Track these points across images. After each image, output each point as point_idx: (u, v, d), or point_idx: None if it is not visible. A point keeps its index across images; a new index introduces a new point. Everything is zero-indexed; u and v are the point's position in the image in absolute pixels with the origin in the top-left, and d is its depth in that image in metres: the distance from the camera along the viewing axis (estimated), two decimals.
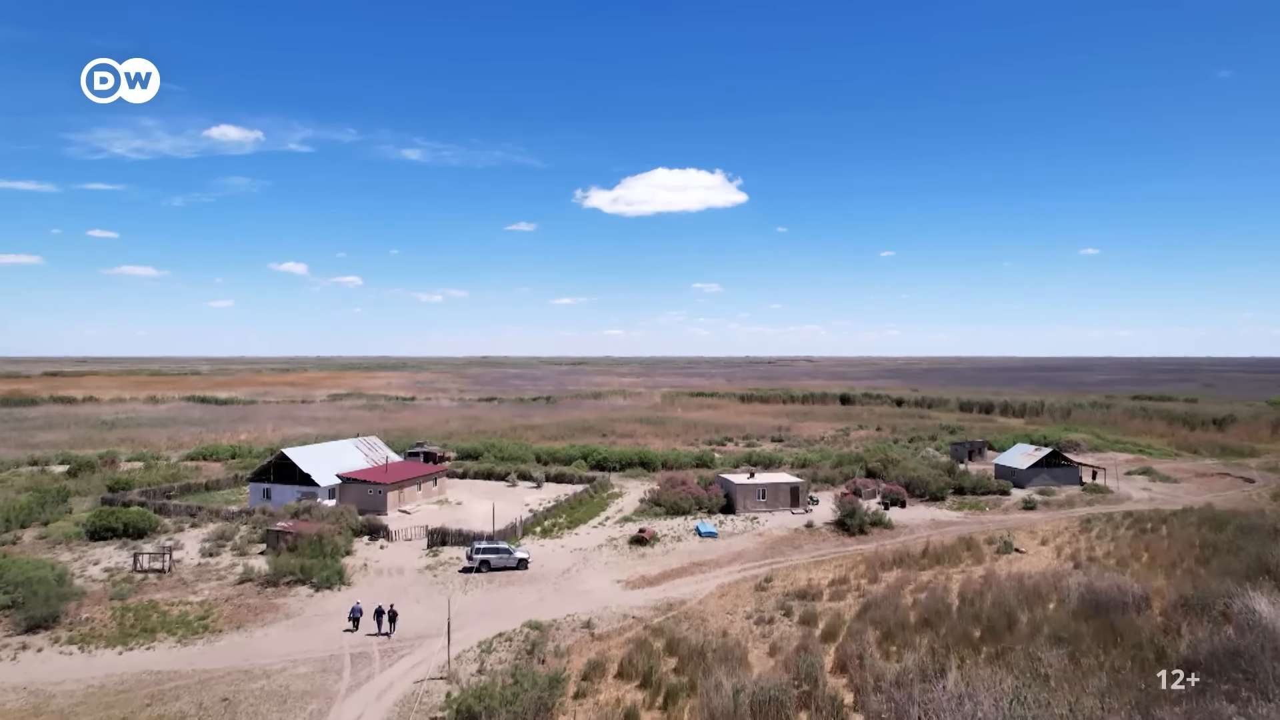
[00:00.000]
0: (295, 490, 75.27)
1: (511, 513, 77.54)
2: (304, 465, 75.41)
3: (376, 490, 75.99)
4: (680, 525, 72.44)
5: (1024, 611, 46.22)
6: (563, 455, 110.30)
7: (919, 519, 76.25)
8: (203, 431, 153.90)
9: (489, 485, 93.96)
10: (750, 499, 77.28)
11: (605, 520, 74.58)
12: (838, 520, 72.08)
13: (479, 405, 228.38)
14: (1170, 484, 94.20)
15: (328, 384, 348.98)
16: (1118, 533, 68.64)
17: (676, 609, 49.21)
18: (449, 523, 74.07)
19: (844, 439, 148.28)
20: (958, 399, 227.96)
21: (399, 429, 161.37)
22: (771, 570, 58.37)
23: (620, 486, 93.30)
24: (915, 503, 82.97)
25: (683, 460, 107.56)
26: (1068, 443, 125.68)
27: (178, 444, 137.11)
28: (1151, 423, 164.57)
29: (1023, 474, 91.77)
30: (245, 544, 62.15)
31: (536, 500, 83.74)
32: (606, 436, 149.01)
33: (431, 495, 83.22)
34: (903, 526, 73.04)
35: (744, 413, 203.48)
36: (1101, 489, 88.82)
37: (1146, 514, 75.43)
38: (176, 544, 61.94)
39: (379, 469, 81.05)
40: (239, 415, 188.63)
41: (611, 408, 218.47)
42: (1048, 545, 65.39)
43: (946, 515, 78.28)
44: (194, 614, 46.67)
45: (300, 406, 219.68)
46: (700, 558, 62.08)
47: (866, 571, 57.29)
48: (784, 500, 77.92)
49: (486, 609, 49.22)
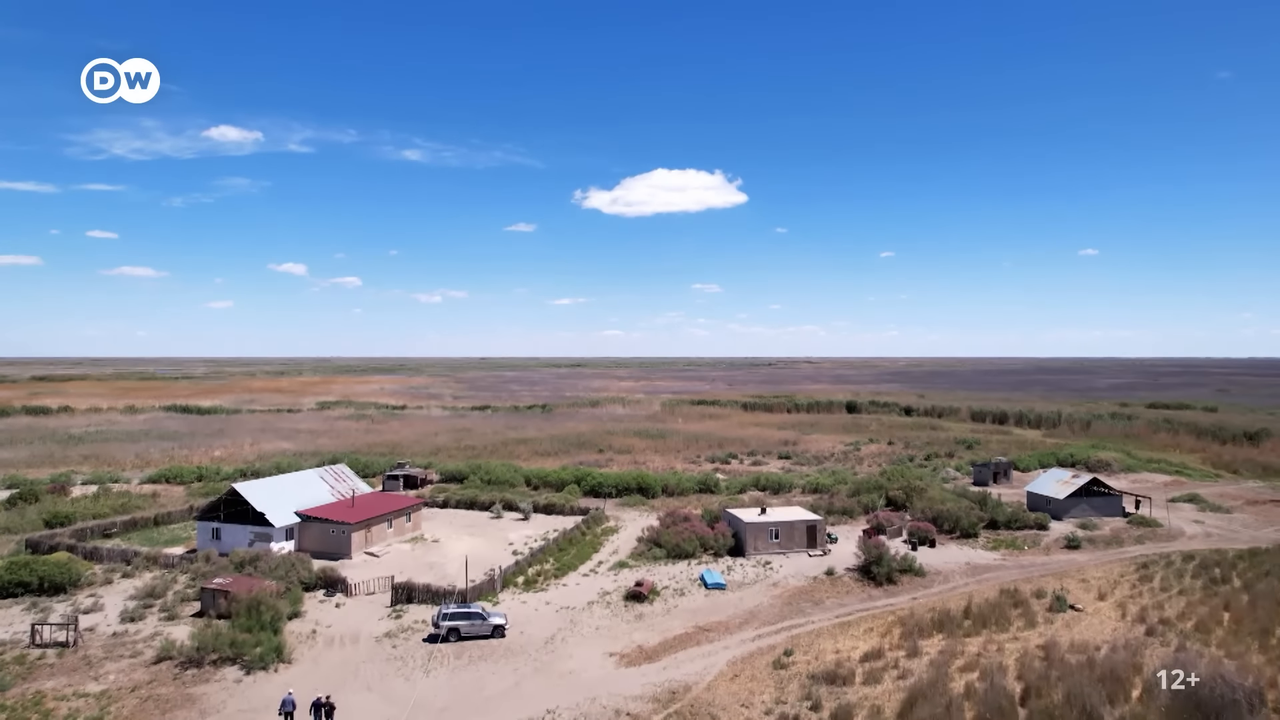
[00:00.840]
0: (247, 531, 66.56)
1: (493, 555, 68.94)
2: (258, 503, 66.65)
3: (340, 530, 67.32)
4: (683, 573, 63.74)
5: (1106, 708, 37.66)
6: (554, 479, 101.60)
7: (952, 562, 67.61)
8: (175, 447, 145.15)
9: (471, 517, 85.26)
10: (762, 540, 68.62)
11: (598, 566, 65.87)
12: (862, 566, 63.42)
13: (470, 415, 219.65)
14: (1222, 514, 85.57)
15: (319, 390, 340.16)
16: (1184, 583, 60.02)
17: (680, 699, 40.54)
18: (422, 566, 65.60)
19: (855, 454, 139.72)
20: (969, 408, 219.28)
21: (384, 443, 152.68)
22: (791, 638, 49.71)
23: (616, 519, 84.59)
24: (945, 540, 74.35)
25: (684, 485, 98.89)
26: (1097, 462, 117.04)
27: (145, 462, 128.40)
28: (1179, 436, 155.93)
29: (1059, 504, 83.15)
30: (178, 603, 53.42)
31: (522, 537, 75.12)
32: (603, 452, 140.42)
33: (405, 532, 74.54)
34: (935, 573, 64.37)
35: (747, 423, 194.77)
36: (1148, 521, 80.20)
37: (1208, 556, 66.80)
38: (96, 603, 53.17)
39: (344, 504, 72.35)
40: (218, 427, 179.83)
41: (609, 417, 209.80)
42: (1107, 600, 56.72)
43: (982, 557, 69.63)
44: (85, 713, 37.92)
45: (284, 417, 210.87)
46: (707, 618, 53.41)
47: (903, 640, 48.63)
48: (799, 540, 69.28)
49: (450, 699, 40.53)
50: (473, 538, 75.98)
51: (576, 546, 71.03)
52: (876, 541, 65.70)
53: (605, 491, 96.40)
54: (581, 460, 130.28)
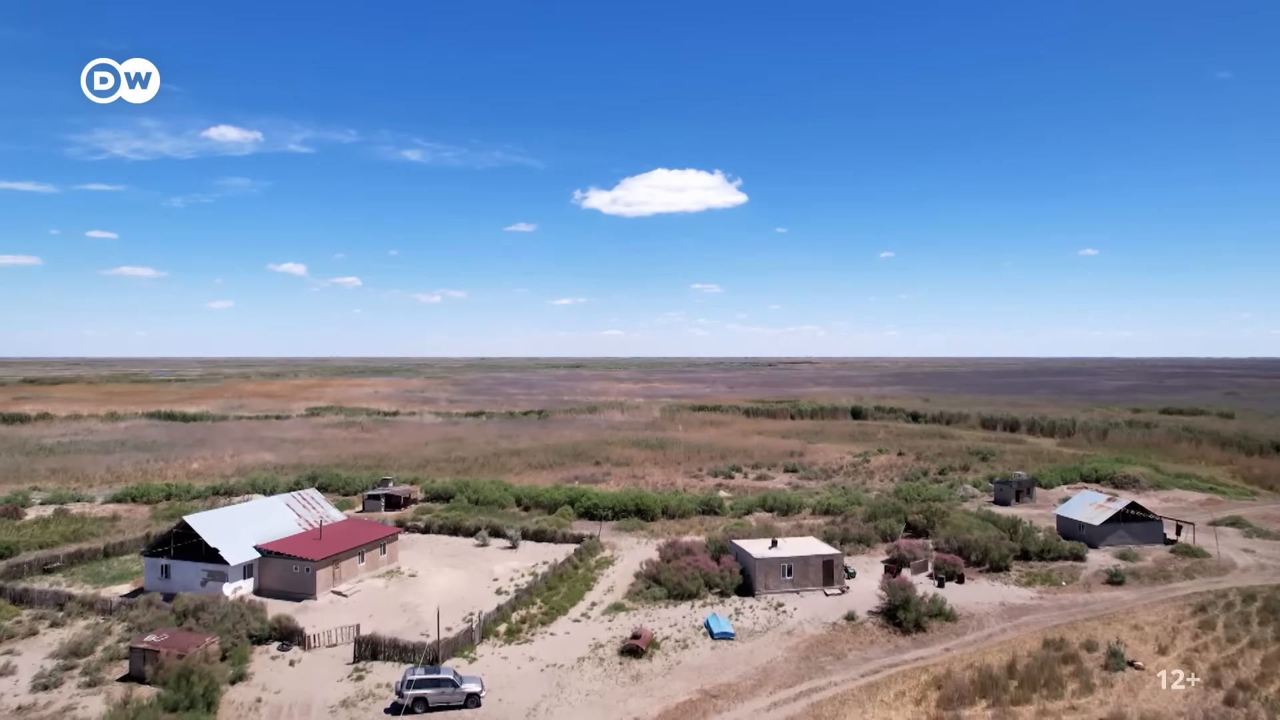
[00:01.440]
0: (199, 569, 59.61)
1: (474, 593, 62.10)
2: (211, 537, 59.67)
3: (304, 567, 60.41)
4: (685, 618, 56.83)
5: None
6: (547, 499, 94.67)
7: (984, 602, 60.73)
8: (151, 459, 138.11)
9: (455, 545, 78.32)
10: (773, 577, 61.72)
11: (591, 608, 58.94)
12: (886, 609, 56.54)
13: (464, 423, 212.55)
14: (1273, 541, 78.72)
15: (311, 394, 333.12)
16: (1252, 631, 53.18)
17: None
18: (394, 607, 58.79)
19: (864, 467, 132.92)
20: (978, 414, 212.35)
21: (370, 454, 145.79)
22: (812, 706, 42.84)
23: (612, 547, 77.68)
24: (973, 573, 67.47)
25: (686, 505, 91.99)
26: (1124, 478, 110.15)
27: (116, 476, 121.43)
28: (1202, 447, 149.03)
29: (1095, 530, 76.30)
30: (105, 663, 46.47)
31: (508, 571, 68.27)
32: (600, 465, 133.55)
33: (378, 566, 67.63)
34: (967, 616, 57.49)
35: (750, 431, 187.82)
36: (1194, 551, 73.34)
37: (1272, 596, 59.94)
38: (8, 664, 46.21)
39: (310, 536, 65.43)
40: (199, 436, 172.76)
41: (607, 425, 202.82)
42: (1169, 655, 49.84)
43: (1016, 595, 62.74)
44: None
45: (271, 425, 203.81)
46: (714, 679, 46.53)
47: (942, 709, 41.84)
48: (814, 577, 62.38)
49: None
50: (454, 570, 69.13)
51: (568, 583, 64.12)
52: (901, 581, 58.88)
53: (601, 514, 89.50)
54: (577, 474, 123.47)
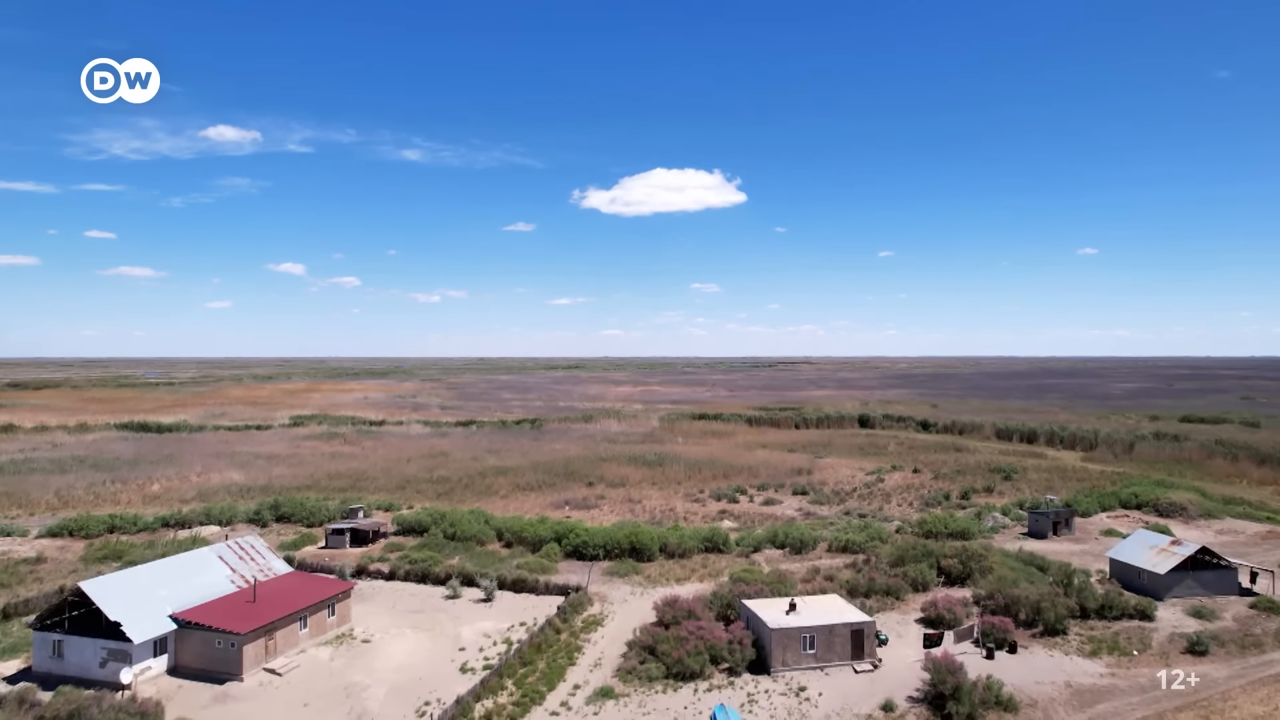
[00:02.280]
0: (98, 646, 49.40)
1: (436, 668, 52.02)
2: (112, 608, 49.36)
3: (228, 642, 50.19)
4: (688, 709, 46.58)
5: None
6: (531, 535, 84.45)
7: (1045, 681, 50.63)
8: (107, 480, 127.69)
9: (422, 597, 68.09)
10: (792, 650, 51.59)
11: (574, 694, 48.72)
12: (931, 696, 46.49)
13: (453, 433, 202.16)
14: None
15: (298, 399, 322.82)
16: None
17: None
18: (337, 691, 48.85)
19: (879, 488, 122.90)
20: (992, 424, 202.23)
21: (347, 473, 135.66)
22: None
23: (602, 600, 67.45)
24: (1025, 638, 57.33)
25: (686, 543, 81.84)
26: (1169, 505, 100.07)
27: (63, 501, 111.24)
28: (1240, 464, 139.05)
29: (1159, 581, 66.19)
30: None
31: (479, 635, 58.14)
32: (593, 486, 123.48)
33: (326, 630, 57.43)
34: (1029, 705, 47.36)
35: (754, 444, 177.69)
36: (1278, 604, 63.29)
37: None
38: None
39: (242, 597, 55.20)
40: (168, 451, 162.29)
41: (603, 436, 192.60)
42: None
43: (1082, 670, 52.61)
44: None
45: (249, 436, 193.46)
46: None
47: None
48: (841, 649, 52.28)
49: None
50: (416, 633, 58.96)
51: (547, 655, 53.94)
52: (946, 658, 48.74)
53: (591, 553, 79.31)
54: (568, 498, 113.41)
